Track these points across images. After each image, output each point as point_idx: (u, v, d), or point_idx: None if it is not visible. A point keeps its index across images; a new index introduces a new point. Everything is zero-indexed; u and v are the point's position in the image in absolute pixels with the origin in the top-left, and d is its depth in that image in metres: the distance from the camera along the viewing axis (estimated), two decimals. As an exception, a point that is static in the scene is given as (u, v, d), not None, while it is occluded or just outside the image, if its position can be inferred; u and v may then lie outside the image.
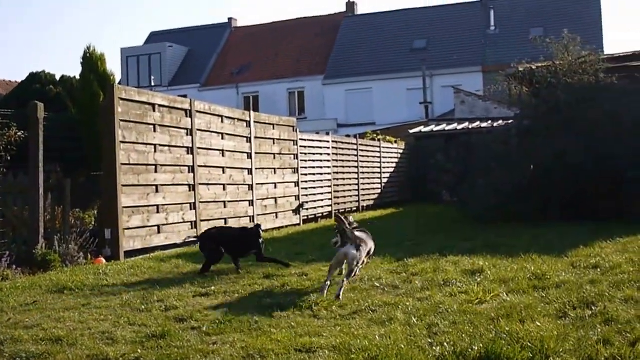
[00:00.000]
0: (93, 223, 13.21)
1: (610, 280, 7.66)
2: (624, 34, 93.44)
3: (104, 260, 11.26)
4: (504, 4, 49.74)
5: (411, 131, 31.71)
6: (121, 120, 11.93)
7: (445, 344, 5.38)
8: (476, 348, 5.16)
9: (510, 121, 20.20)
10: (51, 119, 14.93)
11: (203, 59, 55.74)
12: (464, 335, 5.60)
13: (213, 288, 8.22)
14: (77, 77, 23.12)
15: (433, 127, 31.69)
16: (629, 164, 15.27)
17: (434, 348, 5.31)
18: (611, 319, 5.96)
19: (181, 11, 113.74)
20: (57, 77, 25.44)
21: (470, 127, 29.39)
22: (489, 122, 28.94)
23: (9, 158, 15.66)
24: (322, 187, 20.97)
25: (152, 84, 52.01)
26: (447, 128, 30.79)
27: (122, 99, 12.01)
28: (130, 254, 11.86)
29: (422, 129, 31.92)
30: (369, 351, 5.25)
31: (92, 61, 21.21)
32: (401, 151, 29.74)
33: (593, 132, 15.61)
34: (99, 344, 5.84)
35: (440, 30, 49.70)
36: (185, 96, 16.25)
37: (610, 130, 15.49)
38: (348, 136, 26.24)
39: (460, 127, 30.18)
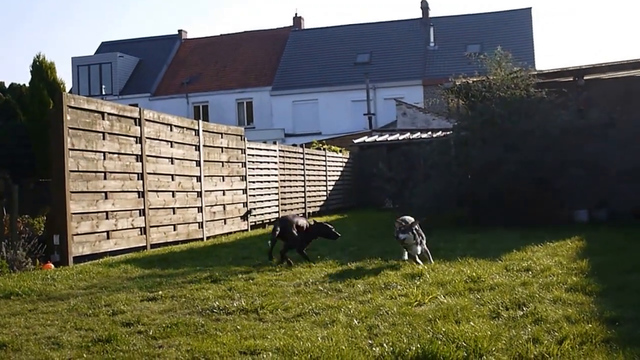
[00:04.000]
0: (42, 229, 13.21)
1: (540, 282, 7.97)
2: (554, 52, 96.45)
3: (52, 266, 11.25)
4: (442, 22, 51.36)
5: (355, 141, 32.25)
6: (70, 128, 11.97)
7: (385, 344, 5.49)
8: (414, 348, 5.27)
9: (448, 132, 20.71)
10: (0, 126, 14.95)
11: (153, 69, 55.86)
12: (402, 336, 5.73)
13: (160, 292, 8.26)
14: (27, 85, 23.02)
15: (376, 138, 32.19)
16: (557, 172, 16.05)
17: (374, 349, 5.42)
18: (541, 318, 6.18)
19: (132, 22, 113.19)
20: (6, 85, 25.29)
21: (411, 137, 29.91)
22: (429, 132, 29.54)
23: (-46, 165, 15.59)
24: (269, 194, 21.20)
25: (103, 93, 51.87)
26: (389, 138, 31.29)
27: (71, 107, 12.06)
28: (79, 259, 11.87)
29: (366, 139, 32.41)
30: (311, 352, 5.35)
31: (41, 69, 21.15)
32: (346, 160, 30.22)
33: (524, 142, 16.24)
34: (45, 349, 5.82)
35: (382, 45, 50.87)
36: (136, 105, 16.34)
37: (540, 141, 16.16)
38: (295, 145, 26.58)
39: (402, 137, 30.71)
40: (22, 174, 18.26)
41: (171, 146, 15.34)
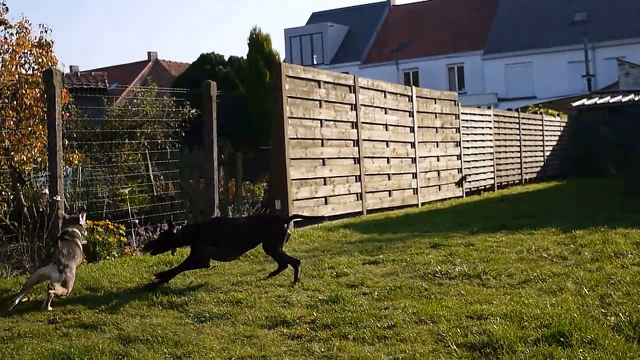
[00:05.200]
0: (263, 195, 13.73)
1: None
2: None
3: (275, 230, 11.69)
4: (671, -28, 47.40)
5: (574, 104, 31.00)
6: (289, 97, 12.29)
7: (620, 314, 5.22)
8: None
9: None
10: (221, 97, 15.64)
11: (363, 37, 56.55)
12: (639, 307, 5.44)
13: (381, 257, 8.37)
14: (244, 57, 24.00)
15: (597, 100, 30.75)
16: None
17: (609, 318, 5.17)
18: None
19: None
20: (226, 58, 26.47)
21: (636, 99, 28.26)
22: (657, 94, 27.81)
23: (183, 134, 16.54)
24: (484, 160, 20.93)
25: (315, 62, 53.27)
26: (611, 101, 29.75)
27: (289, 77, 12.38)
28: (298, 224, 12.21)
29: (585, 102, 31.10)
30: (541, 319, 5.20)
31: (258, 42, 21.98)
32: (564, 124, 29.30)
33: None
34: (276, 307, 6.05)
35: (601, 2, 47.92)
36: (347, 73, 16.57)
37: None
38: (509, 110, 26.02)
39: (625, 99, 29.05)
40: (241, 143, 19.04)
41: (385, 113, 15.42)
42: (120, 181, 14.46)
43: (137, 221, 10.52)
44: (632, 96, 29.24)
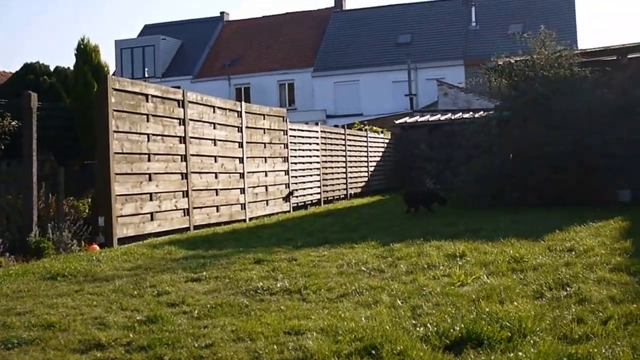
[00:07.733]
0: (87, 211, 13.34)
1: (584, 263, 7.90)
2: (597, 31, 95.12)
3: (97, 248, 11.37)
4: (484, 1, 50.99)
5: (397, 122, 32.18)
6: (115, 110, 12.05)
7: (429, 324, 5.48)
8: (458, 328, 5.25)
9: (490, 112, 20.54)
10: (45, 108, 15.10)
11: (195, 51, 56.45)
12: (446, 316, 5.73)
13: (205, 273, 8.32)
14: (72, 68, 23.29)
15: (417, 118, 32.11)
16: (601, 152, 15.91)
17: (418, 329, 5.42)
18: (585, 299, 6.14)
19: (174, 5, 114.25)
20: (52, 68, 25.61)
21: (452, 117, 29.75)
22: (471, 113, 29.34)
23: (2, 147, 15.84)
24: (311, 175, 21.25)
25: (146, 75, 52.57)
26: (430, 119, 31.17)
27: (115, 90, 12.15)
28: (123, 240, 11.96)
29: (407, 119, 32.34)
30: (355, 332, 5.35)
31: (86, 52, 21.35)
32: (387, 141, 30.15)
33: (568, 122, 16.08)
34: (91, 329, 5.86)
35: (424, 26, 51.00)
36: (178, 87, 16.45)
37: (583, 121, 16.03)
38: (336, 126, 26.63)
39: (443, 117, 30.57)
40: (67, 156, 18.47)
41: (214, 128, 15.41)
42: None
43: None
44: (449, 115, 30.78)
